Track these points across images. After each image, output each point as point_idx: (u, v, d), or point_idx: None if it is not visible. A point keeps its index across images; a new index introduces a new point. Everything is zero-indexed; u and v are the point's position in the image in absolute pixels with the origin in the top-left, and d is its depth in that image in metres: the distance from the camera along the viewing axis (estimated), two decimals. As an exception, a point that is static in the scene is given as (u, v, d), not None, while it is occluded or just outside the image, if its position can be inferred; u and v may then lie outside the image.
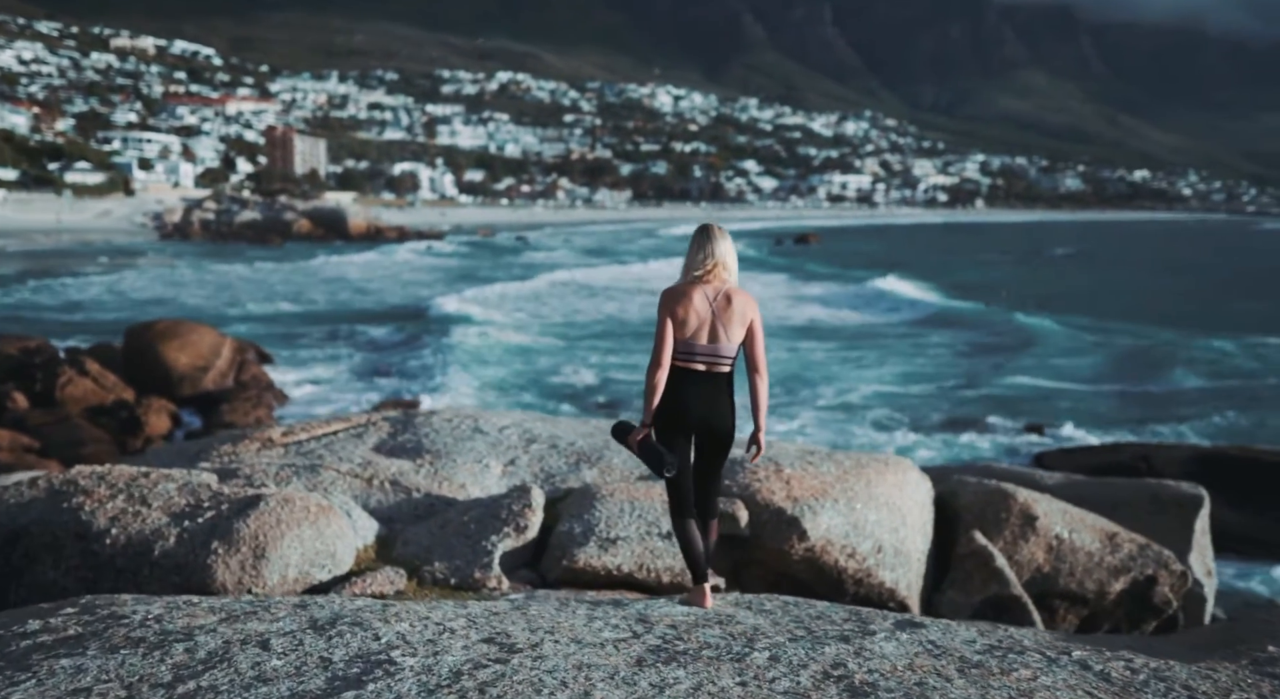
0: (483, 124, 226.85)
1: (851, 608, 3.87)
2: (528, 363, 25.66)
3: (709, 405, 3.93)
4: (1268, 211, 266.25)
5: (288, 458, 7.03)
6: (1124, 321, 35.05)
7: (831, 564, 5.80)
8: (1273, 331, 33.01)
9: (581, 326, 32.65)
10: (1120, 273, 61.83)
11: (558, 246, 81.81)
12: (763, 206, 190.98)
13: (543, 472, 6.76)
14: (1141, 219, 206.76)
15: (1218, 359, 27.47)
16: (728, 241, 4.03)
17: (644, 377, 4.01)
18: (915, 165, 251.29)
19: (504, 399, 21.14)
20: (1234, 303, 44.20)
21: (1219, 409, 21.31)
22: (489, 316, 33.05)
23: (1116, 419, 20.73)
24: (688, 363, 3.92)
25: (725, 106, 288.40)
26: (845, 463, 6.42)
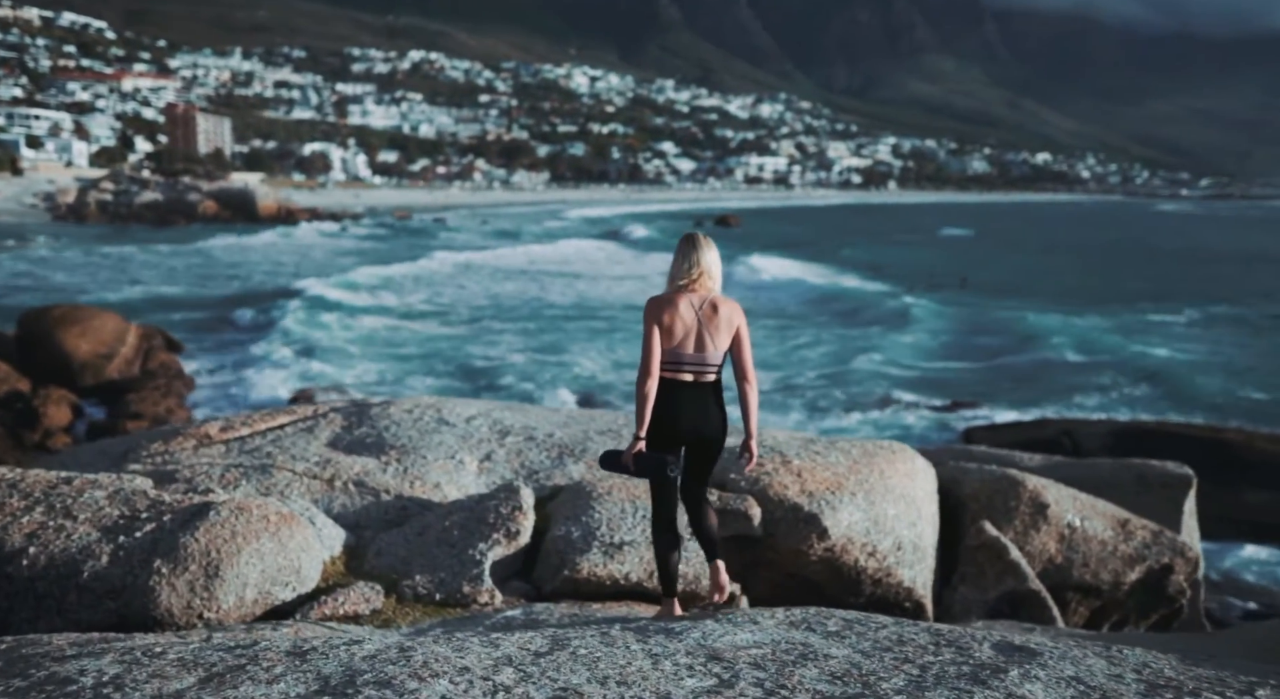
0: (395, 104, 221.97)
1: (928, 626, 3.37)
2: (395, 345, 24.92)
3: (699, 415, 3.90)
4: (1159, 194, 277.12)
5: (231, 457, 6.25)
6: (1012, 299, 35.46)
7: (851, 564, 5.32)
8: (1147, 308, 33.96)
9: (466, 308, 31.84)
10: (1015, 254, 62.87)
11: (475, 228, 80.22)
12: (681, 188, 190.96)
13: (524, 467, 6.13)
14: (1044, 201, 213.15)
15: (1089, 337, 27.91)
16: (713, 251, 4.01)
17: (634, 386, 3.95)
18: (829, 148, 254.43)
19: (384, 383, 20.52)
20: (1121, 281, 45.11)
21: (1090, 386, 21.48)
22: (357, 299, 32.21)
23: (1029, 397, 20.73)
24: (676, 373, 3.89)
25: (642, 88, 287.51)
26: (853, 452, 5.94)
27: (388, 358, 23.42)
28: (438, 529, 5.16)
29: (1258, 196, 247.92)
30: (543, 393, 19.62)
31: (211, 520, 4.75)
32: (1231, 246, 69.55)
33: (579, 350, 24.71)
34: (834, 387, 21.11)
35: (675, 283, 3.96)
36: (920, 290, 37.75)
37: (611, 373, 22.06)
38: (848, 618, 3.56)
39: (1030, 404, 19.79)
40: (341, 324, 27.42)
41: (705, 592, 4.86)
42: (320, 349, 23.58)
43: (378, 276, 39.85)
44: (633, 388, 4.03)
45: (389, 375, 21.60)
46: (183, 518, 4.87)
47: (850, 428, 17.81)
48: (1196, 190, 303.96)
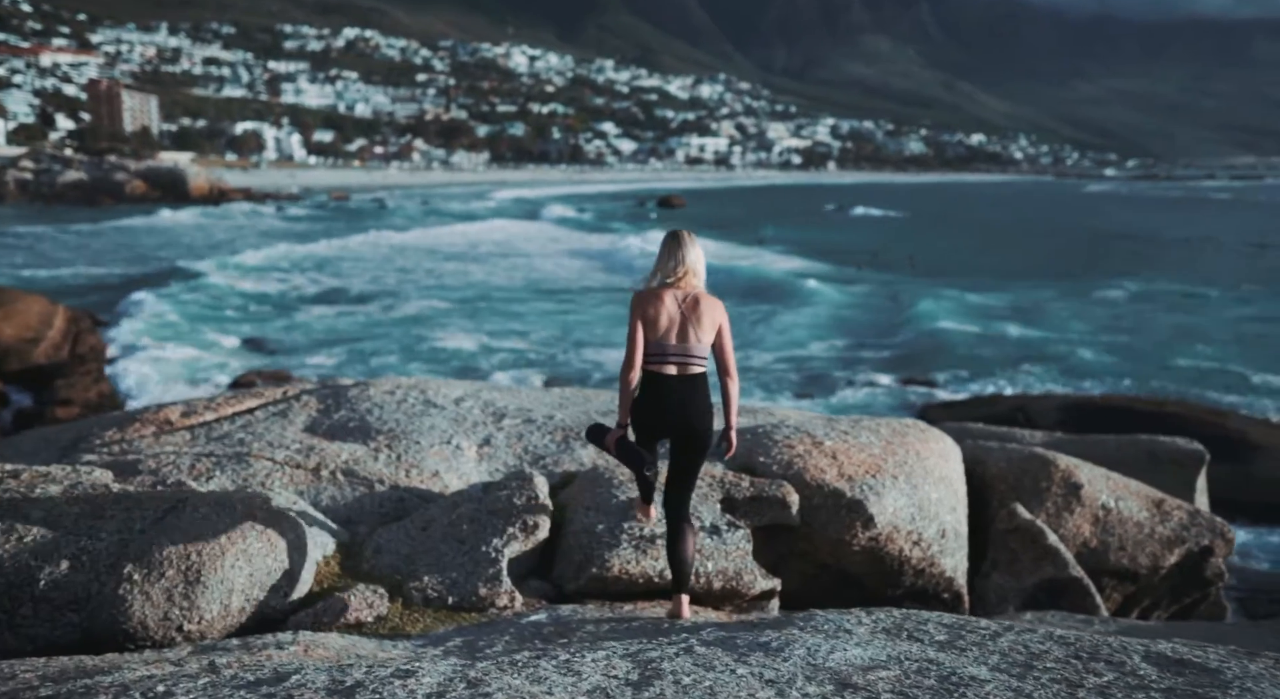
0: (330, 82, 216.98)
1: (1046, 633, 2.96)
2: (336, 331, 24.24)
3: (686, 408, 3.93)
4: (1088, 174, 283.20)
5: (199, 445, 5.63)
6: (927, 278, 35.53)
7: (895, 554, 4.91)
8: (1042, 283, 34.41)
9: (414, 289, 31.12)
10: (937, 234, 63.18)
11: (415, 209, 78.59)
12: (622, 169, 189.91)
13: (527, 453, 5.61)
14: (978, 181, 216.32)
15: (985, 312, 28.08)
16: (697, 248, 4.07)
17: (618, 376, 4.01)
18: (769, 128, 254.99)
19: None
20: (1024, 258, 45.41)
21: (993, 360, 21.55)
22: (287, 279, 31.44)
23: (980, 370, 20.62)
24: (661, 366, 3.94)
25: (582, 68, 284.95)
26: (882, 431, 5.53)
27: (335, 343, 22.61)
28: (444, 524, 4.62)
29: (1180, 177, 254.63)
30: (504, 376, 19.02)
31: (190, 518, 4.16)
32: (1148, 226, 70.96)
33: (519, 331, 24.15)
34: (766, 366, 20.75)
35: (660, 279, 4.02)
36: (858, 267, 37.64)
37: (572, 352, 21.53)
38: (945, 622, 3.14)
39: (970, 380, 19.73)
40: (279, 308, 26.58)
41: (746, 588, 4.42)
42: (268, 339, 22.78)
43: (310, 257, 38.91)
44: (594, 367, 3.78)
45: (332, 359, 20.86)
46: (155, 515, 4.27)
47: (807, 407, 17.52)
48: (1123, 171, 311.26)
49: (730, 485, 4.80)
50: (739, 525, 4.50)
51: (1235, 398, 18.51)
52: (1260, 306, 29.42)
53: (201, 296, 27.96)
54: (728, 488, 4.78)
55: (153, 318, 23.82)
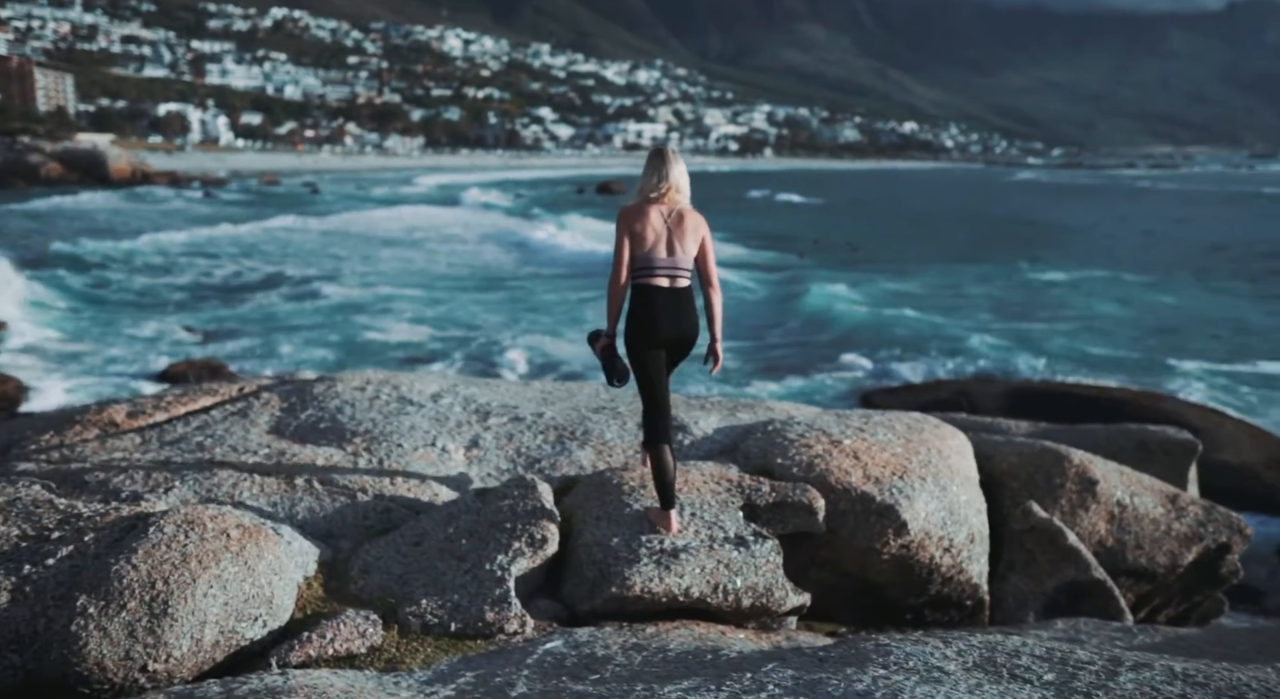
0: (258, 63, 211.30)
1: (1187, 675, 2.64)
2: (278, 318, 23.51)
3: (677, 318, 4.10)
4: (1016, 162, 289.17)
5: (152, 450, 5.07)
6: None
7: (925, 562, 4.56)
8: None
9: (352, 274, 30.27)
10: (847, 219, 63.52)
11: (348, 194, 76.73)
12: (560, 154, 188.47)
13: (520, 455, 5.15)
14: (912, 168, 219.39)
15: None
16: (681, 165, 4.21)
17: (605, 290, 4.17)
18: (706, 115, 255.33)
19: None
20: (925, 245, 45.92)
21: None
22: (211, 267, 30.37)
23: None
24: (651, 278, 4.07)
25: (517, 52, 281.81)
26: (897, 427, 5.20)
27: (271, 331, 21.77)
28: (439, 538, 4.16)
29: (1103, 166, 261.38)
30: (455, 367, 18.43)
31: (153, 539, 3.64)
32: (1072, 214, 72.35)
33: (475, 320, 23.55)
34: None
35: (645, 194, 4.15)
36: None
37: (517, 339, 21.00)
38: (1039, 655, 2.79)
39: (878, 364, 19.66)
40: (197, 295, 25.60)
41: (776, 605, 4.05)
42: (197, 327, 21.85)
43: (238, 241, 37.72)
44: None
45: (267, 348, 20.07)
46: (111, 536, 3.75)
47: (755, 394, 17.25)
48: (1049, 159, 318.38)
49: (750, 490, 4.41)
50: (766, 536, 4.12)
51: (1152, 381, 18.66)
52: (1180, 294, 29.98)
53: (118, 281, 26.83)
54: (748, 493, 4.40)
55: (60, 304, 22.74)
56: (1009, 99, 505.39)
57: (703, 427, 5.44)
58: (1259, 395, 18.09)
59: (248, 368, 18.56)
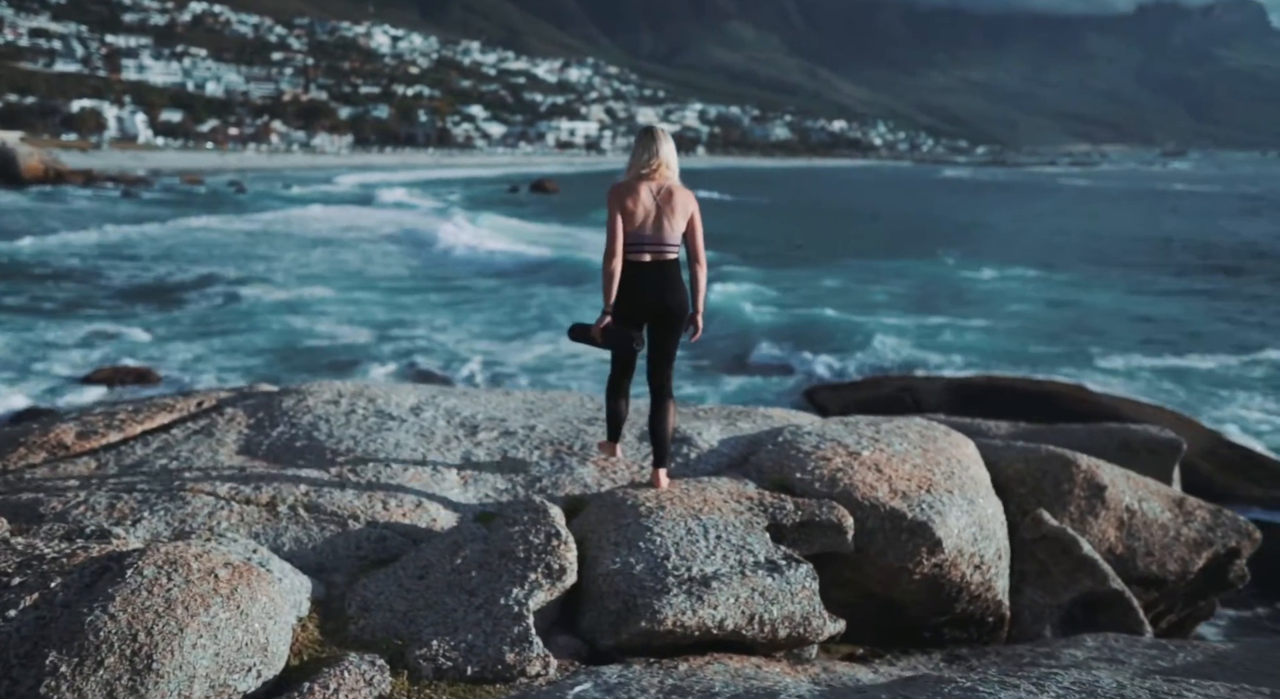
0: (177, 59, 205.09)
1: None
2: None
3: (661, 291, 4.22)
4: (943, 160, 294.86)
5: (111, 476, 4.62)
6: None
7: (956, 580, 4.35)
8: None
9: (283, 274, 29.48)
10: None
11: (275, 193, 74.78)
12: (492, 152, 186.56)
13: (519, 474, 4.81)
14: (842, 166, 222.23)
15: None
16: (670, 143, 4.30)
17: (600, 267, 4.26)
18: (639, 113, 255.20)
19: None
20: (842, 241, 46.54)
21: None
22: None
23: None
24: (638, 254, 4.20)
25: (447, 49, 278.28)
26: (911, 436, 4.99)
27: (202, 335, 20.96)
28: (445, 570, 3.82)
29: (1025, 164, 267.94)
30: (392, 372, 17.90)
31: (132, 584, 3.24)
32: (998, 211, 74.01)
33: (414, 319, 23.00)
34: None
35: (636, 171, 4.24)
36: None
37: (471, 343, 20.52)
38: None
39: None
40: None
41: (814, 634, 3.79)
42: (116, 331, 20.95)
43: (157, 242, 36.50)
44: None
45: (201, 351, 19.32)
46: (81, 581, 3.34)
47: (697, 396, 17.01)
48: (974, 157, 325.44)
49: (774, 509, 4.15)
50: (799, 560, 3.85)
51: (1080, 376, 18.88)
52: (1105, 290, 30.61)
53: (32, 284, 25.64)
54: (772, 512, 4.13)
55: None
56: (933, 98, 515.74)
57: (707, 438, 5.18)
58: (1184, 389, 18.46)
59: (176, 373, 17.88)
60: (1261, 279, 32.23)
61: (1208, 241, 45.31)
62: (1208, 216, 63.44)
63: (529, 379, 18.03)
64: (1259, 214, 66.65)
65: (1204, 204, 79.24)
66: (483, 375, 18.07)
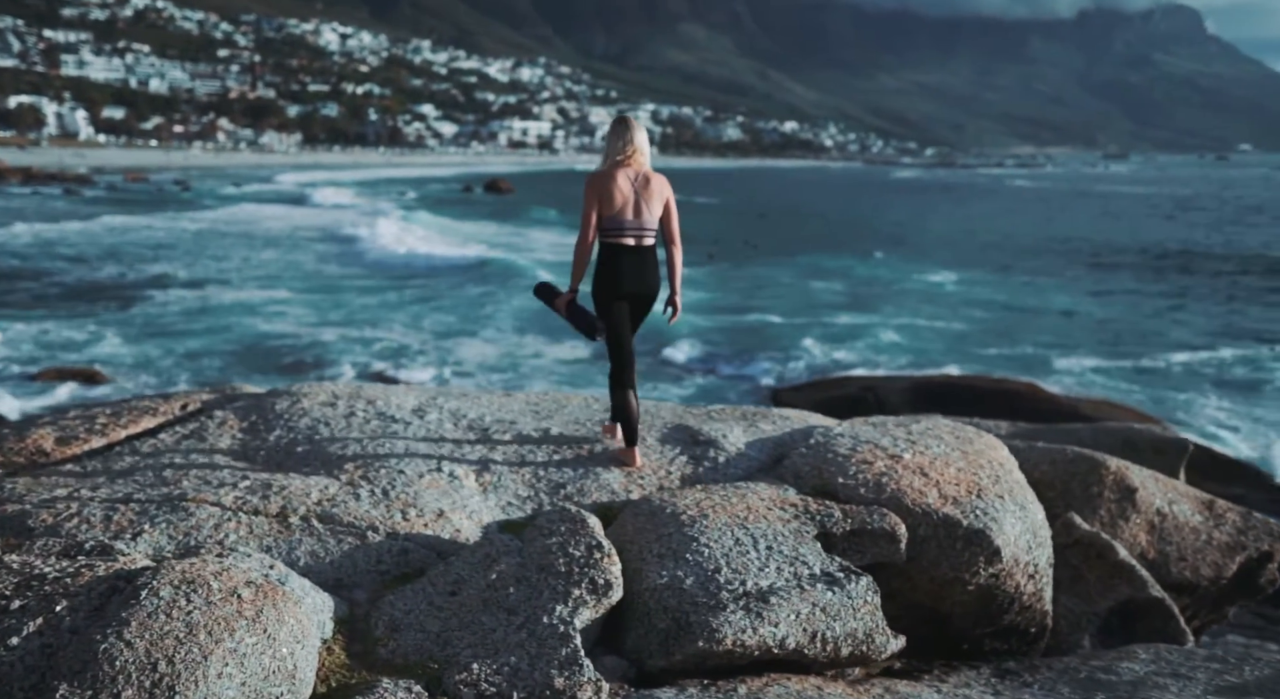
0: (119, 55, 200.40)
1: None
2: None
3: (641, 274, 4.40)
4: (893, 161, 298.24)
5: (103, 485, 4.27)
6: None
7: (1011, 590, 4.12)
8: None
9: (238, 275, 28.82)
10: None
11: (224, 191, 73.18)
12: (444, 151, 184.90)
13: (540, 480, 4.54)
14: (796, 166, 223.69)
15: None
16: (643, 131, 4.48)
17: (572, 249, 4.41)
18: (591, 113, 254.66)
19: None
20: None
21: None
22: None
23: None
24: (619, 237, 4.34)
25: (397, 48, 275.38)
26: (947, 438, 4.80)
27: (153, 335, 20.32)
28: (479, 586, 3.55)
29: (973, 165, 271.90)
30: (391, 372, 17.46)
31: (148, 607, 2.94)
32: (955, 213, 75.05)
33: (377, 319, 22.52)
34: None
35: (612, 159, 4.39)
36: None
37: (431, 343, 20.11)
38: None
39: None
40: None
41: (876, 652, 3.58)
42: (57, 331, 20.25)
43: (95, 240, 35.49)
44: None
45: (158, 352, 18.71)
46: (90, 603, 3.02)
47: (660, 396, 16.79)
48: (923, 159, 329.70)
49: (822, 517, 3.93)
50: (857, 572, 3.63)
51: (1036, 375, 18.96)
52: (1059, 291, 30.93)
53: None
54: (820, 520, 3.92)
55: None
56: (883, 100, 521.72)
57: (733, 441, 4.95)
58: (1138, 388, 18.60)
59: (124, 373, 17.31)
60: (1202, 278, 32.82)
61: (1149, 242, 46.09)
62: (1147, 219, 64.65)
63: (500, 379, 17.71)
64: (1196, 217, 68.12)
65: (1144, 206, 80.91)
66: (440, 376, 17.68)
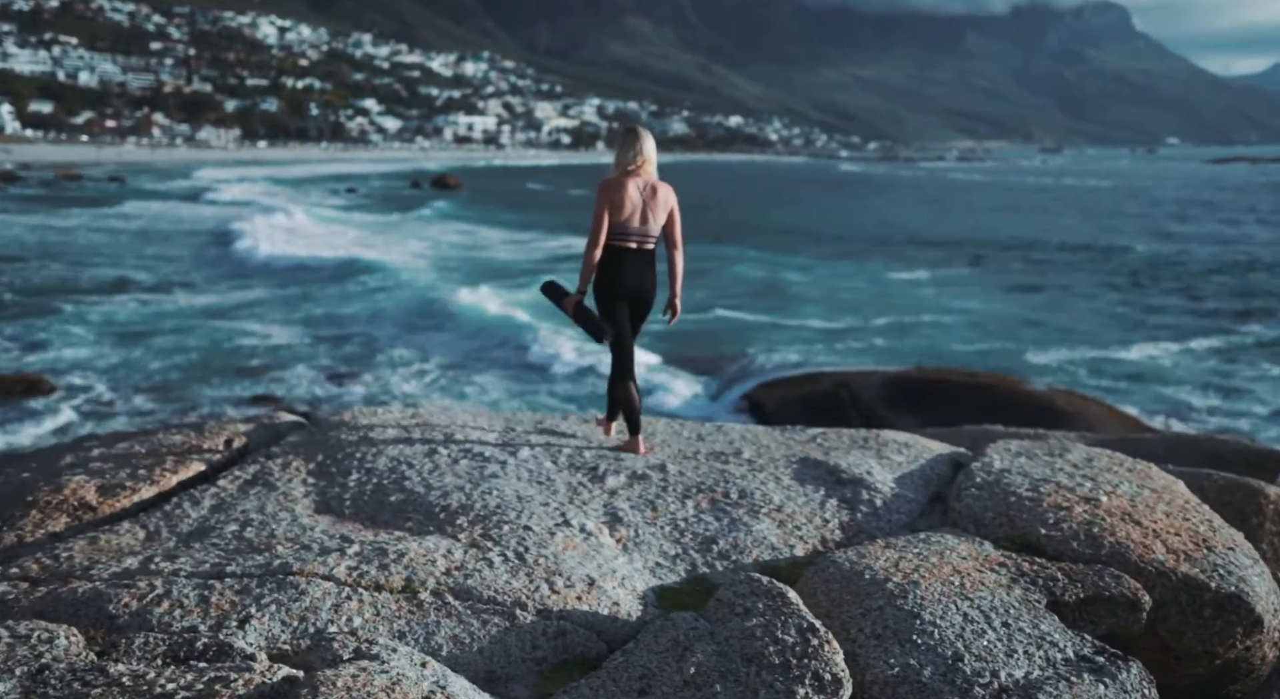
0: (45, 47, 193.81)
1: None
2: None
3: (641, 276, 4.61)
4: (836, 155, 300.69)
5: (175, 550, 3.57)
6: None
7: (1256, 662, 3.56)
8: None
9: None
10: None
11: (163, 189, 70.88)
12: (389, 146, 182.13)
13: (684, 533, 3.93)
14: (743, 161, 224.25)
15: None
16: (651, 140, 4.68)
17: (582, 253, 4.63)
18: (537, 108, 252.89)
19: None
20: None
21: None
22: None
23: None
24: (623, 242, 4.55)
25: (337, 41, 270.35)
26: (1119, 470, 4.32)
27: (102, 339, 19.26)
28: (674, 682, 2.94)
29: (916, 159, 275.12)
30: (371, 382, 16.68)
31: (318, 743, 2.30)
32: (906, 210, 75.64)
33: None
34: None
35: (623, 168, 4.59)
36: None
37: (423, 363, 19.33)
38: None
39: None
40: None
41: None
42: None
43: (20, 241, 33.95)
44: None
45: (114, 357, 17.72)
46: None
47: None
48: (866, 152, 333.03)
49: (1044, 579, 3.39)
50: (1123, 657, 3.07)
51: (1009, 369, 18.82)
52: (1025, 288, 30.99)
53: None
54: (1044, 584, 3.37)
55: None
56: (825, 94, 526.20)
57: (880, 479, 4.40)
58: (1107, 381, 18.54)
59: (68, 379, 16.35)
60: (1168, 277, 33.20)
61: (1101, 237, 46.63)
62: (1093, 214, 65.63)
63: (447, 380, 16.95)
64: (1145, 210, 69.39)
65: (1087, 200, 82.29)
66: (412, 385, 16.93)
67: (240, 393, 16.14)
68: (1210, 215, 60.86)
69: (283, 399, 15.95)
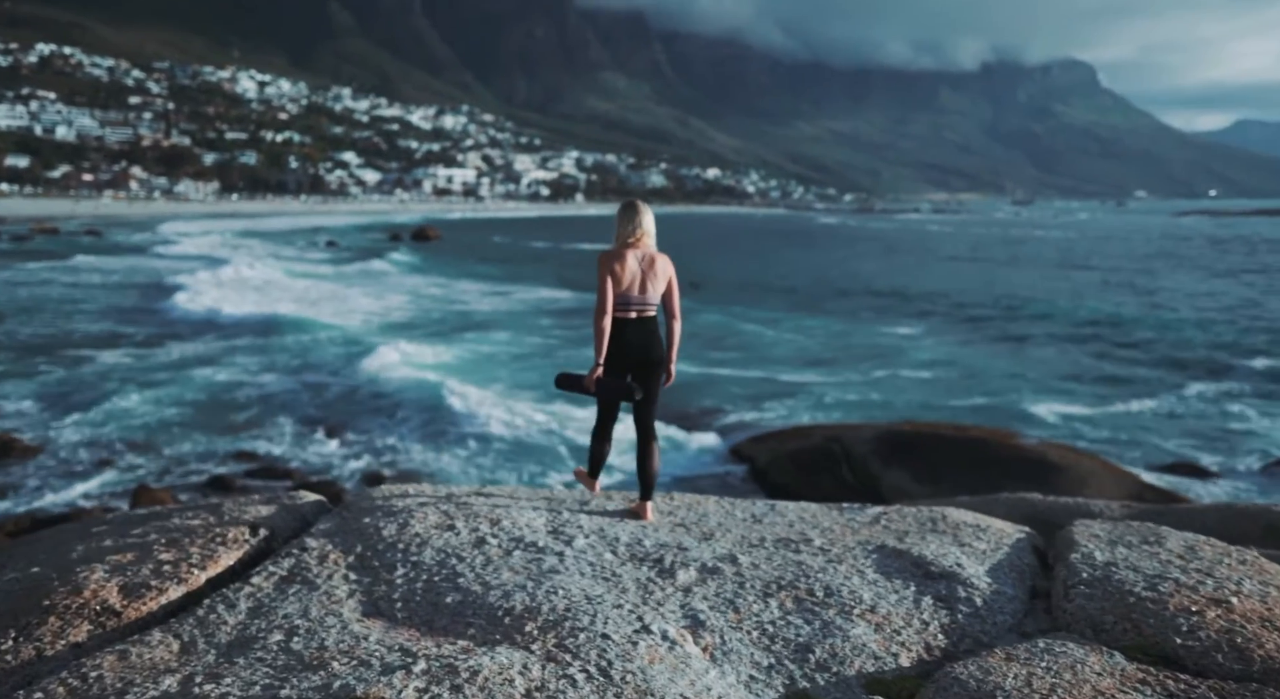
0: (23, 102, 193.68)
1: None
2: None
3: (644, 344, 4.78)
4: (813, 207, 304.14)
5: (221, 668, 3.20)
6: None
7: None
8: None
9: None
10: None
11: (145, 244, 70.39)
12: (368, 199, 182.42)
13: (775, 640, 3.58)
14: (722, 213, 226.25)
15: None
16: (649, 214, 4.87)
17: (592, 325, 4.73)
18: (516, 160, 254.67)
19: None
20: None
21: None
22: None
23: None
24: (624, 312, 4.75)
25: (317, 95, 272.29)
26: (1227, 562, 4.02)
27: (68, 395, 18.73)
28: (807, 821, 2.60)
29: (892, 211, 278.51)
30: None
31: None
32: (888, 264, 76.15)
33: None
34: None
35: (623, 241, 4.76)
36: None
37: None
38: None
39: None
40: None
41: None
42: None
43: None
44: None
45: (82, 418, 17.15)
46: None
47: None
48: (843, 204, 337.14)
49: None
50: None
51: (1004, 423, 18.71)
52: (1016, 342, 31.04)
53: None
54: (1194, 705, 3.04)
55: None
56: (801, 147, 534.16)
57: (972, 573, 4.06)
58: (1100, 434, 18.44)
59: (38, 433, 15.84)
60: (1140, 329, 33.37)
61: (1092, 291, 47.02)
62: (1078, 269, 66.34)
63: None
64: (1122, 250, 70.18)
65: (1063, 251, 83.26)
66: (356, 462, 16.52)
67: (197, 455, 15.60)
68: (1175, 269, 62.18)
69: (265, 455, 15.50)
